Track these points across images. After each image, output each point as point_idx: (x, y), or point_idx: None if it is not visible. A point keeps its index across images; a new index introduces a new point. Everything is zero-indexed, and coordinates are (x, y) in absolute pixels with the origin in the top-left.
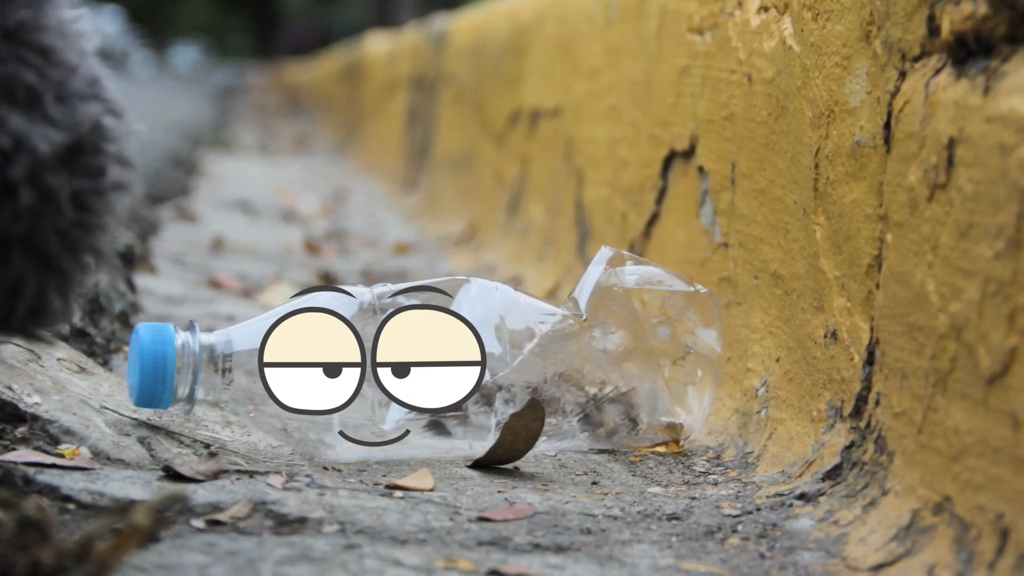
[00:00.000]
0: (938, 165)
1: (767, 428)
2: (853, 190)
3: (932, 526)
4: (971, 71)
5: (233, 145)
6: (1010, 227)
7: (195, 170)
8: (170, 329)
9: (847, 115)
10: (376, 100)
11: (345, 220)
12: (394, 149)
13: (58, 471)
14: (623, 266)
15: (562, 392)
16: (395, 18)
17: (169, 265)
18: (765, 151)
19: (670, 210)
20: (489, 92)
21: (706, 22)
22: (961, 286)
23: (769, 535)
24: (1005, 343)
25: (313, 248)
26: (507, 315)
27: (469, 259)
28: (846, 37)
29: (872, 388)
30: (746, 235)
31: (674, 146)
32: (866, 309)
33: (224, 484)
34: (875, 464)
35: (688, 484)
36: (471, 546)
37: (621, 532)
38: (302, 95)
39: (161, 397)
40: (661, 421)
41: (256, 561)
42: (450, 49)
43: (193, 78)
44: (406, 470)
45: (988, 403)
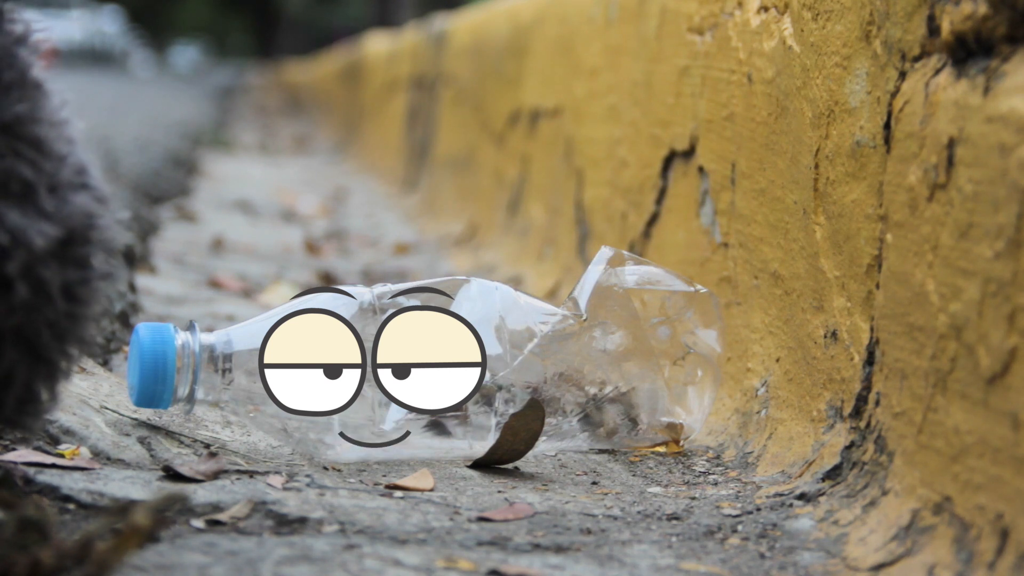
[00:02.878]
0: (938, 165)
1: (767, 428)
2: (853, 190)
3: (932, 526)
4: (971, 71)
5: (233, 145)
6: (1010, 227)
7: (195, 170)
8: (170, 329)
9: (847, 115)
10: (376, 100)
11: (345, 220)
12: (394, 149)
13: (58, 471)
14: (623, 266)
15: (562, 392)
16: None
17: (169, 265)
18: (765, 151)
19: (670, 210)
20: (489, 92)
21: (706, 22)
22: (961, 286)
23: (769, 535)
24: (1005, 343)
25: (313, 248)
26: (507, 315)
27: (469, 259)
28: (846, 37)
29: (872, 388)
30: (746, 235)
31: (674, 146)
32: (866, 309)
33: (224, 484)
34: (875, 464)
35: (688, 484)
36: (471, 546)
37: (621, 532)
38: (302, 95)
39: (161, 397)
40: (661, 421)
41: (256, 561)
42: (450, 49)
43: (193, 78)
44: (406, 470)
45: (988, 403)
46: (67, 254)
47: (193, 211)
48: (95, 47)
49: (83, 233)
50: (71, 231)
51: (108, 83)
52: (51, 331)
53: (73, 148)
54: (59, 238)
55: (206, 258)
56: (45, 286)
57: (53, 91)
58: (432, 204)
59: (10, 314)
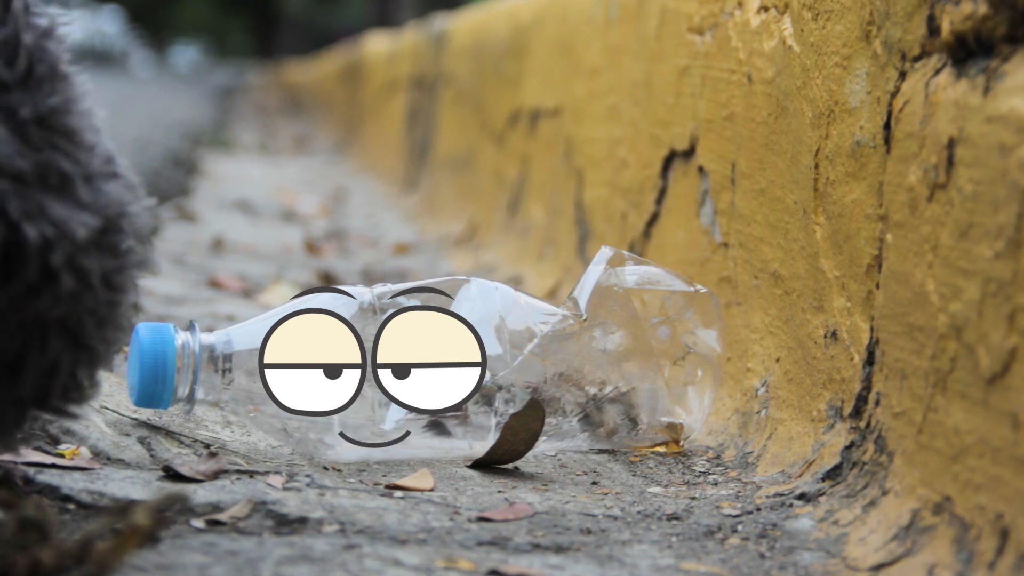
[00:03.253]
0: (938, 165)
1: (767, 428)
2: (853, 190)
3: (932, 526)
4: (971, 71)
5: (233, 145)
6: (1010, 227)
7: (195, 170)
8: (170, 329)
9: (847, 115)
10: (376, 100)
11: (345, 220)
12: (394, 149)
13: (58, 471)
14: (623, 266)
15: (562, 392)
16: (395, 18)
17: (169, 265)
18: (765, 151)
19: (670, 210)
20: (489, 92)
21: (706, 22)
22: (961, 286)
23: (769, 535)
24: (1005, 343)
25: (313, 248)
26: (507, 315)
27: (469, 259)
28: (846, 37)
29: (872, 388)
30: (746, 235)
31: (674, 146)
32: (866, 309)
33: (224, 484)
34: (875, 464)
35: (688, 484)
36: (471, 546)
37: (621, 532)
38: (302, 95)
39: (161, 397)
40: (661, 421)
41: (256, 561)
42: (450, 49)
43: (193, 78)
44: (406, 470)
45: (988, 403)
46: (104, 243)
47: (193, 211)
48: (95, 47)
49: (117, 221)
50: (107, 220)
51: (108, 83)
52: (92, 319)
53: (100, 137)
54: (98, 227)
55: (206, 258)
56: (87, 275)
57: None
58: (432, 204)
59: (56, 304)
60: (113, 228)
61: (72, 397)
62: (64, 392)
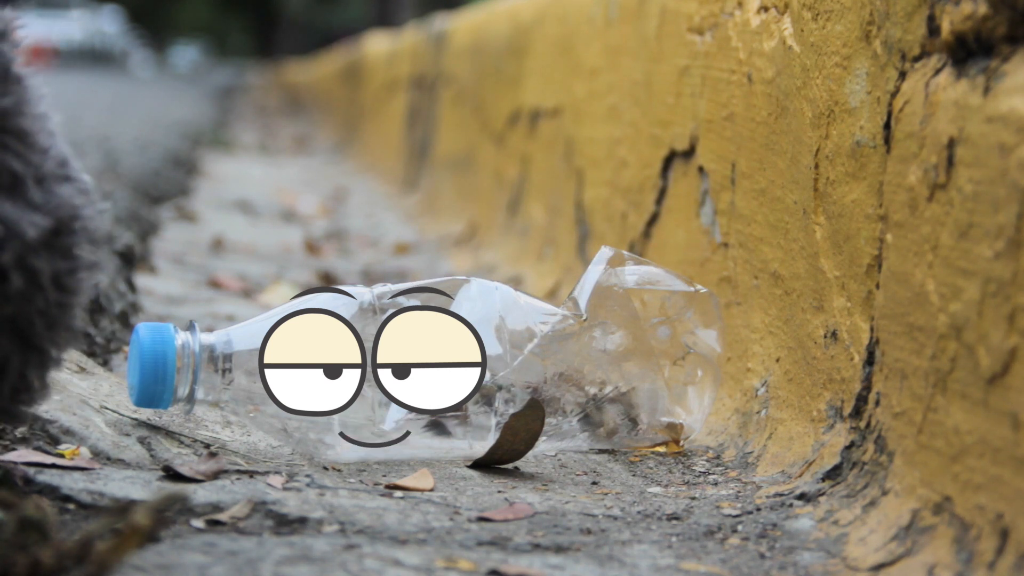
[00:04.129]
0: (938, 165)
1: (767, 428)
2: (853, 190)
3: (932, 526)
4: (971, 71)
5: (233, 145)
6: (1010, 227)
7: (195, 170)
8: (170, 329)
9: (847, 115)
10: (376, 100)
11: (345, 220)
12: (394, 149)
13: (58, 471)
14: (623, 266)
15: (562, 392)
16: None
17: (169, 265)
18: (765, 151)
19: (670, 210)
20: (489, 92)
21: (706, 22)
22: (961, 286)
23: (769, 535)
24: (1005, 343)
25: (313, 248)
26: (507, 315)
27: (469, 259)
28: (846, 37)
29: (872, 388)
30: (746, 235)
31: (674, 146)
32: (866, 309)
33: (224, 484)
34: (875, 464)
35: (688, 484)
36: (471, 546)
37: (621, 532)
38: (302, 95)
39: (161, 397)
40: (661, 421)
41: (256, 561)
42: (450, 49)
43: (193, 78)
44: (406, 470)
45: (988, 403)
46: (55, 244)
47: (193, 211)
48: (95, 47)
49: (69, 224)
50: (59, 222)
51: (108, 83)
52: (43, 320)
53: (55, 141)
54: (49, 229)
55: (206, 258)
56: (37, 276)
57: (33, 85)
58: (432, 204)
59: (4, 304)
60: (65, 230)
61: (22, 399)
62: (13, 393)
